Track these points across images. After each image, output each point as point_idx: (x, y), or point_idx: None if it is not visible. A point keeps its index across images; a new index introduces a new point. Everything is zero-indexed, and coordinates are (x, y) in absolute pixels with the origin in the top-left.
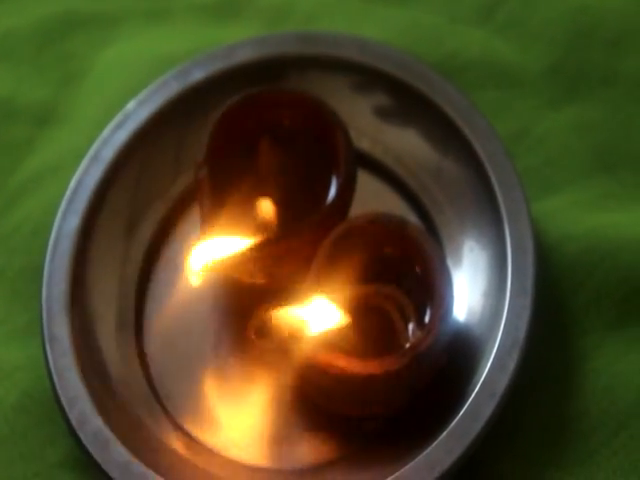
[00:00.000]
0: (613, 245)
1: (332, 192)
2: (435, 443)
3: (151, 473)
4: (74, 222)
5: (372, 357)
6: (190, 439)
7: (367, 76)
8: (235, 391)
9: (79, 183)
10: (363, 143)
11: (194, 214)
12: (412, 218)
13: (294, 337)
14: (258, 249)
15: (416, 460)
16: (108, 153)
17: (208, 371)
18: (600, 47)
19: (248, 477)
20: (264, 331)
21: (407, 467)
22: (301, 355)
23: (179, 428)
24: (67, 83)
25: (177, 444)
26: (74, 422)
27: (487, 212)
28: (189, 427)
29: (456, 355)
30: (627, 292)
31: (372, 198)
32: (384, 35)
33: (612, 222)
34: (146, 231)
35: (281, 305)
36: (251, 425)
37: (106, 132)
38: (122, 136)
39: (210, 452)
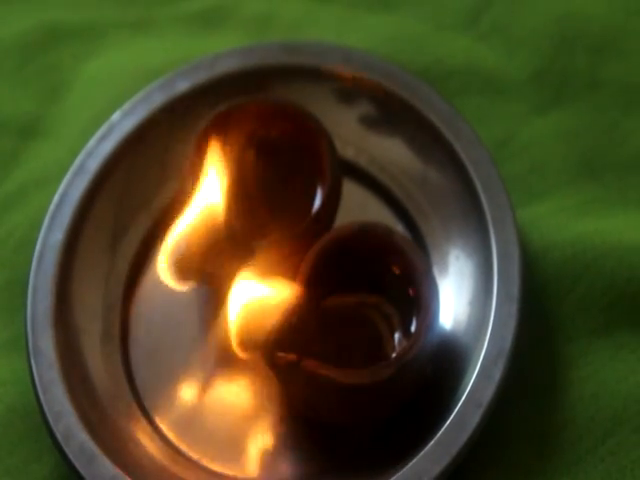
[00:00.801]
0: (598, 252)
1: (317, 202)
2: (422, 453)
3: None
4: (58, 236)
5: (358, 367)
6: (177, 452)
7: (352, 85)
8: (221, 403)
9: (63, 196)
10: (348, 152)
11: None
12: (398, 227)
13: (276, 346)
14: (242, 260)
15: (403, 470)
16: (93, 164)
17: (194, 383)
18: (584, 53)
19: None
20: (248, 343)
21: (394, 477)
22: (285, 365)
23: (166, 441)
24: (51, 95)
25: (164, 457)
26: (60, 437)
27: (472, 220)
28: (175, 440)
29: (442, 364)
30: (613, 299)
31: (357, 207)
32: (368, 42)
33: (597, 229)
34: (131, 244)
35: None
36: (238, 437)
37: (91, 143)
38: (107, 147)
39: (197, 465)
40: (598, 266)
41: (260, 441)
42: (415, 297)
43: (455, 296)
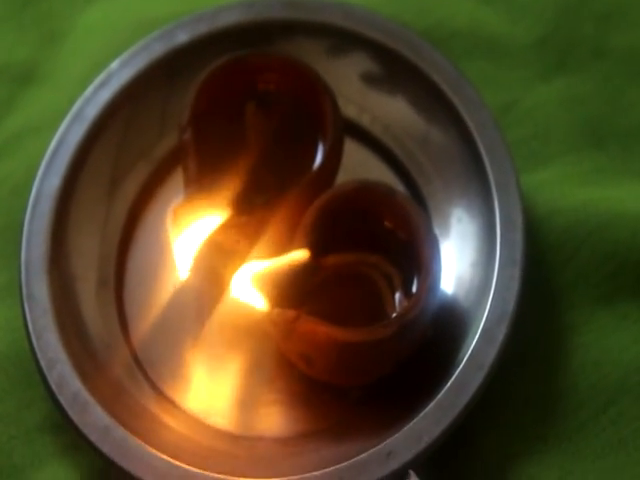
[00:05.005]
0: (601, 219)
1: (319, 158)
2: (422, 413)
3: (131, 437)
4: (55, 182)
5: (357, 326)
6: (171, 405)
7: (353, 43)
8: (217, 357)
9: (60, 142)
10: (349, 110)
11: (178, 176)
12: (399, 188)
13: (275, 302)
14: (242, 214)
15: (403, 430)
16: (91, 112)
17: (190, 336)
18: (591, 20)
19: (230, 444)
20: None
21: (395, 437)
22: (283, 321)
23: (160, 393)
24: (48, 43)
25: (158, 409)
26: (53, 384)
27: (475, 182)
28: (170, 393)
29: (444, 326)
30: (615, 267)
31: (358, 166)
32: (369, 2)
33: (601, 196)
34: (128, 192)
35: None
36: (233, 392)
37: (89, 91)
38: (105, 95)
39: (191, 418)
40: (601, 234)
41: (256, 398)
42: (416, 257)
43: (457, 258)
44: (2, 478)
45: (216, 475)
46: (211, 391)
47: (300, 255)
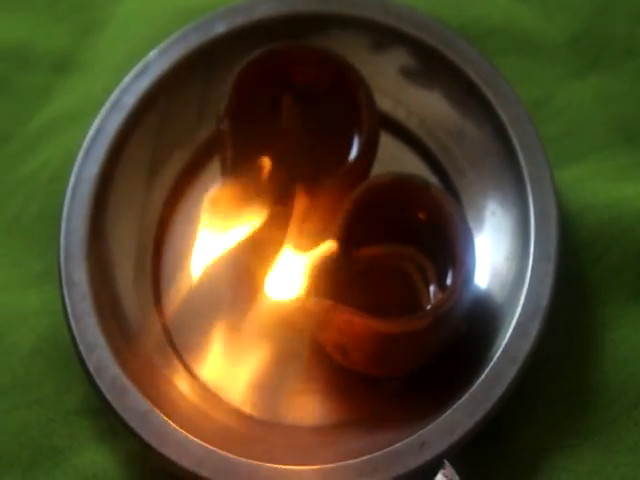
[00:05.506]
0: (634, 217)
1: (355, 150)
2: (456, 405)
3: (169, 423)
4: (94, 169)
5: (392, 317)
6: (207, 392)
7: (390, 37)
8: (252, 346)
9: (99, 130)
10: (385, 104)
11: (215, 165)
12: (433, 181)
13: (311, 292)
14: (277, 204)
15: (437, 421)
16: (129, 100)
17: (225, 324)
18: (625, 19)
19: (265, 432)
20: (282, 288)
21: (428, 428)
22: (319, 311)
23: (197, 380)
24: (86, 32)
25: (195, 396)
26: (92, 369)
27: (509, 176)
28: (207, 380)
29: (477, 320)
30: None
31: (393, 159)
32: None
33: (634, 194)
34: (166, 180)
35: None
36: (269, 381)
37: (127, 80)
38: (143, 84)
39: (227, 406)
40: (633, 231)
41: (291, 387)
42: (450, 250)
43: (491, 251)
44: (42, 460)
45: (252, 461)
46: (247, 379)
47: (335, 246)
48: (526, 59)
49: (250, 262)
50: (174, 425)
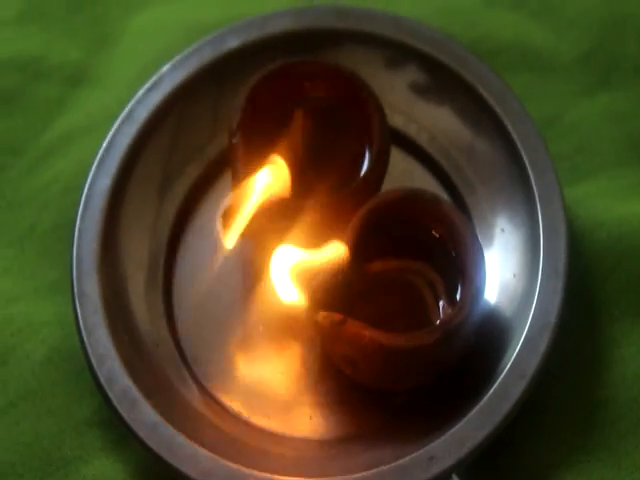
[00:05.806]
0: None
1: (365, 165)
2: (465, 420)
3: (178, 435)
4: (106, 182)
5: (402, 332)
6: (217, 404)
7: (402, 53)
8: (263, 358)
9: (112, 143)
10: (396, 120)
11: (227, 178)
12: (443, 197)
13: (321, 306)
14: (287, 219)
15: (445, 435)
16: (142, 113)
17: (236, 337)
18: (635, 36)
19: (274, 445)
20: (293, 301)
21: (437, 442)
22: (329, 324)
23: (206, 393)
24: (100, 45)
25: (204, 408)
26: (103, 380)
27: (519, 193)
28: (216, 392)
29: (487, 335)
30: None
31: (403, 175)
32: (418, 14)
33: None
34: (178, 194)
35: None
36: (278, 393)
37: (140, 93)
38: (156, 97)
39: (236, 418)
40: None
41: (301, 400)
42: (460, 265)
43: (500, 268)
44: (52, 469)
45: (261, 473)
46: (256, 392)
47: (345, 260)
48: (537, 76)
49: (261, 276)
50: (184, 436)
